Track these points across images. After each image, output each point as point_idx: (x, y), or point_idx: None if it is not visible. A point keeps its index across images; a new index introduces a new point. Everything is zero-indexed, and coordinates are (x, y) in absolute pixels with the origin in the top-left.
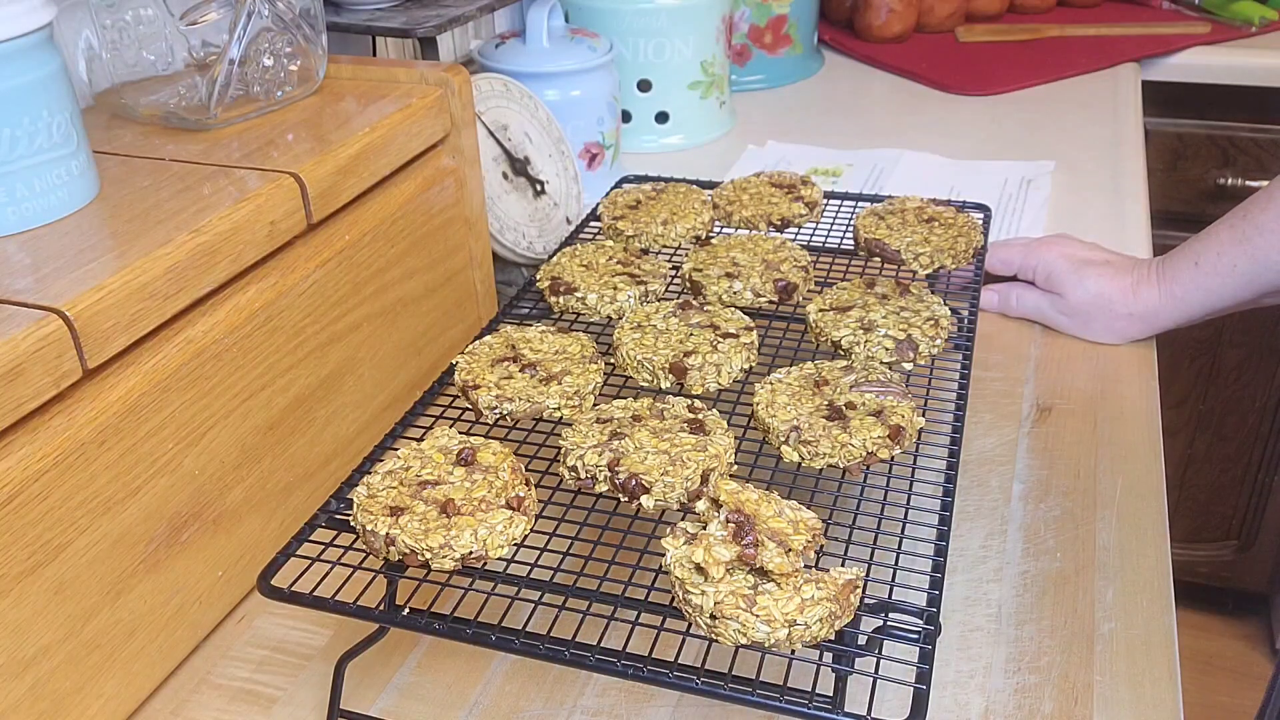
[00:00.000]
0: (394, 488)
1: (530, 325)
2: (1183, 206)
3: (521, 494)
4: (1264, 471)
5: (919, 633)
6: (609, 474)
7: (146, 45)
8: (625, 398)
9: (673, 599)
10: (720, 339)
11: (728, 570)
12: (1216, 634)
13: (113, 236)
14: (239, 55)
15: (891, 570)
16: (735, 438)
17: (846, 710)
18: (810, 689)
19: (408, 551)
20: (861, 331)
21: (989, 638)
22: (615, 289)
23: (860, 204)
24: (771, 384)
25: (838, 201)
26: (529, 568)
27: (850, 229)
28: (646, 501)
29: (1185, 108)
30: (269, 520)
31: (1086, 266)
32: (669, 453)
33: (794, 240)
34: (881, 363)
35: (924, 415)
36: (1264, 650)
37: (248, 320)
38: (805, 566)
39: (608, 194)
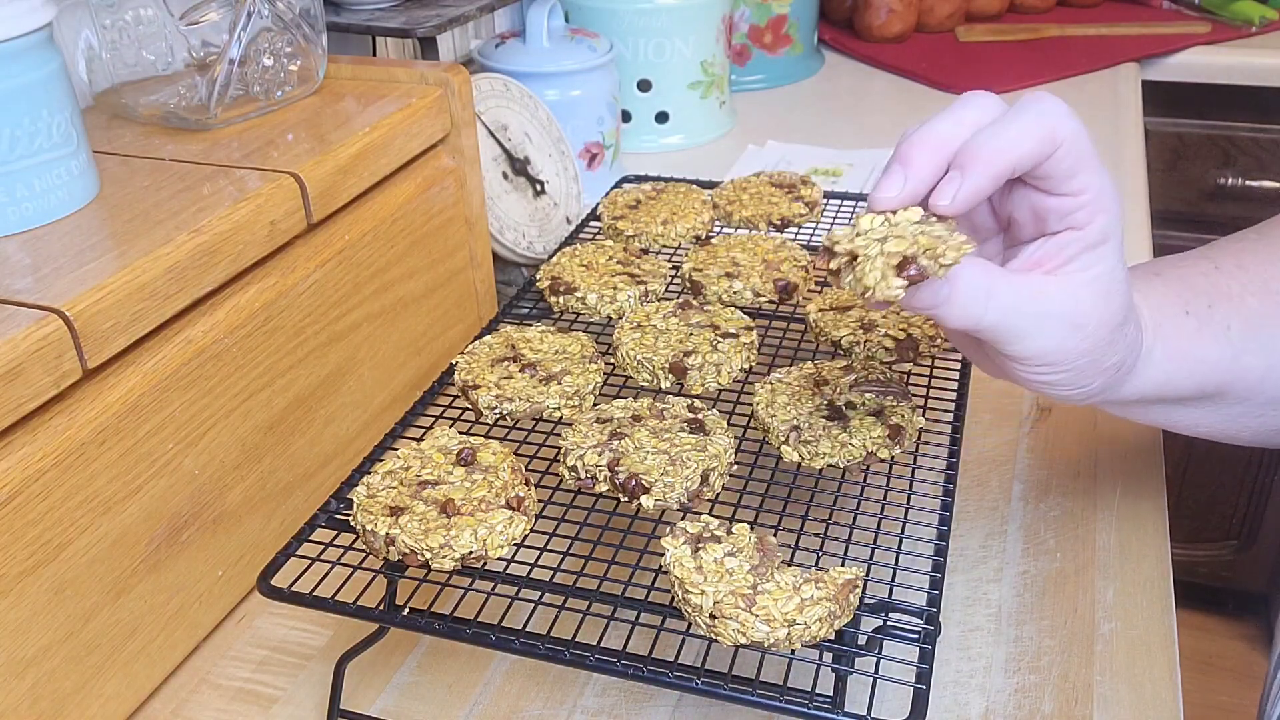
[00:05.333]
0: (394, 488)
1: (530, 325)
2: (1183, 206)
3: (521, 494)
4: (1264, 471)
5: (919, 633)
6: (609, 474)
7: (146, 45)
8: (625, 398)
9: (672, 599)
10: (720, 339)
11: (727, 571)
12: (1216, 634)
13: (113, 236)
14: (239, 55)
15: (891, 570)
16: (735, 438)
17: (846, 710)
18: (810, 689)
19: (408, 551)
20: (861, 331)
21: (989, 638)
22: (615, 289)
23: (860, 204)
24: (771, 384)
25: (838, 201)
26: (529, 568)
27: None
28: (646, 501)
29: (1185, 108)
30: (269, 520)
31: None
32: (669, 453)
33: (794, 240)
34: (881, 363)
35: (924, 415)
36: (1264, 650)
37: (248, 320)
38: (805, 566)
39: (608, 194)
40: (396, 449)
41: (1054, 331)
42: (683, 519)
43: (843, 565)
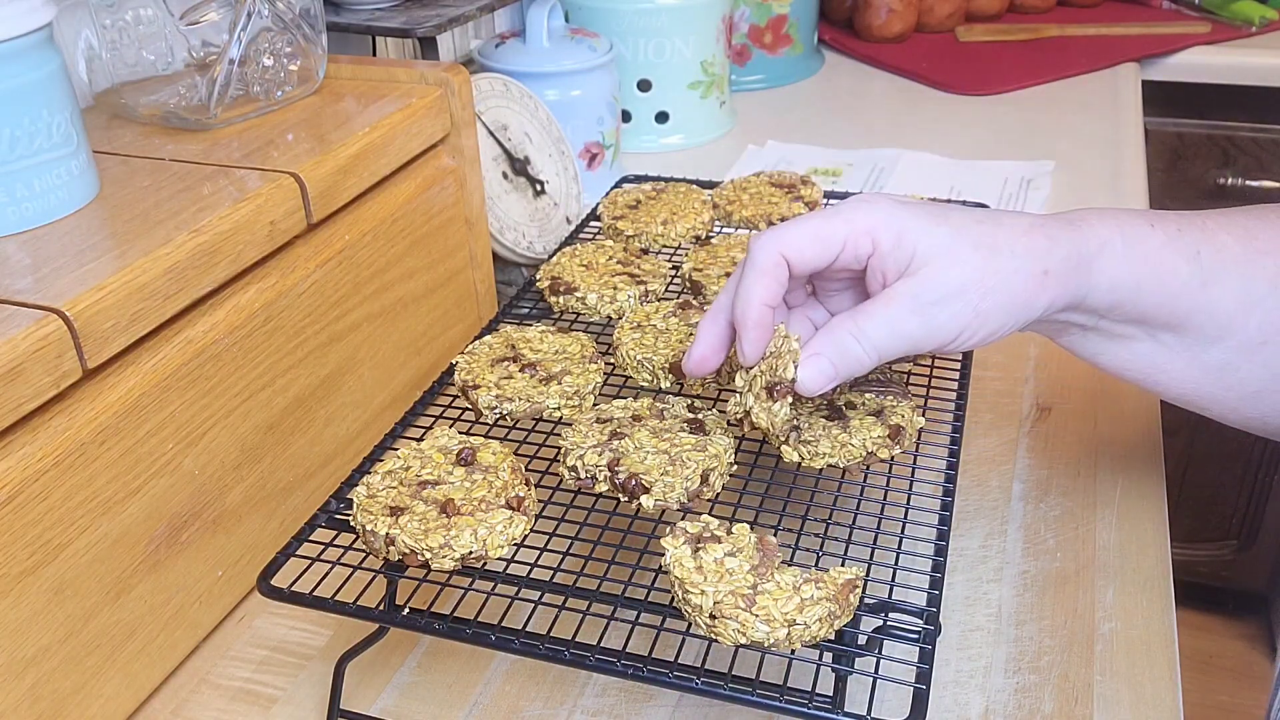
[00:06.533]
0: (394, 488)
1: (530, 325)
2: (1183, 206)
3: (521, 494)
4: (1264, 471)
5: (919, 632)
6: (609, 474)
7: (146, 45)
8: (625, 398)
9: (672, 599)
10: None
11: (726, 571)
12: (1216, 634)
13: (113, 236)
14: (239, 55)
15: (891, 570)
16: (735, 438)
17: (846, 710)
18: (810, 689)
19: (408, 551)
20: None
21: (989, 638)
22: (615, 289)
23: None
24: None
25: (838, 201)
26: (529, 568)
27: None
28: (646, 501)
29: (1185, 108)
30: (269, 520)
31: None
32: (669, 453)
33: None
34: None
35: (924, 415)
36: (1264, 650)
37: (248, 320)
38: (805, 566)
39: (608, 194)
40: (396, 449)
41: (934, 295)
42: (683, 519)
43: (843, 565)
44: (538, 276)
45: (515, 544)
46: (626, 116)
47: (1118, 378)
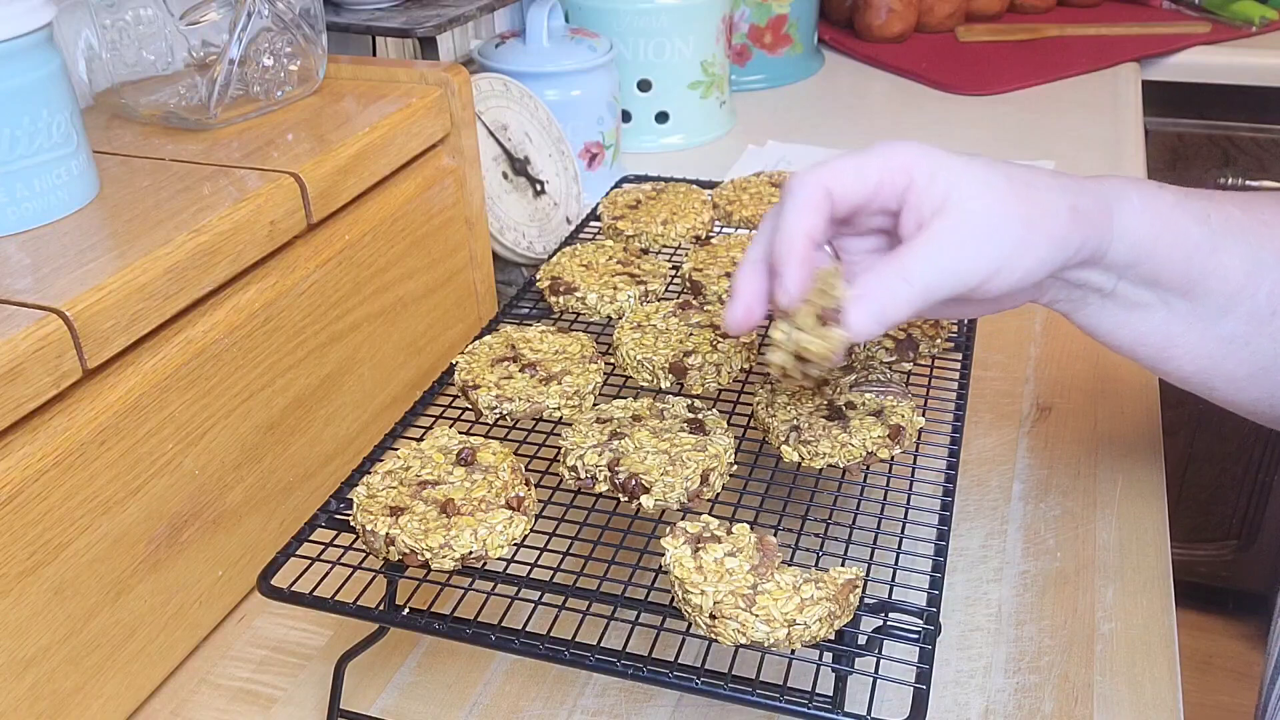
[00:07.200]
0: (394, 488)
1: (530, 325)
2: None
3: (521, 494)
4: (1264, 471)
5: (919, 632)
6: (609, 474)
7: (146, 45)
8: (625, 398)
9: (672, 599)
10: (720, 339)
11: (726, 571)
12: (1216, 634)
13: (113, 236)
14: (239, 55)
15: (891, 570)
16: (735, 438)
17: (846, 710)
18: (810, 689)
19: (408, 551)
20: None
21: (989, 638)
22: (615, 289)
23: None
24: (771, 383)
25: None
26: (529, 568)
27: None
28: (646, 501)
29: (1185, 108)
30: (269, 520)
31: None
32: (669, 453)
33: None
34: (881, 363)
35: (924, 415)
36: (1264, 650)
37: (248, 320)
38: (805, 566)
39: (608, 194)
40: (396, 449)
41: (974, 225)
42: (683, 519)
43: (843, 565)
44: (538, 276)
45: (515, 544)
46: (626, 116)
47: (1131, 356)
